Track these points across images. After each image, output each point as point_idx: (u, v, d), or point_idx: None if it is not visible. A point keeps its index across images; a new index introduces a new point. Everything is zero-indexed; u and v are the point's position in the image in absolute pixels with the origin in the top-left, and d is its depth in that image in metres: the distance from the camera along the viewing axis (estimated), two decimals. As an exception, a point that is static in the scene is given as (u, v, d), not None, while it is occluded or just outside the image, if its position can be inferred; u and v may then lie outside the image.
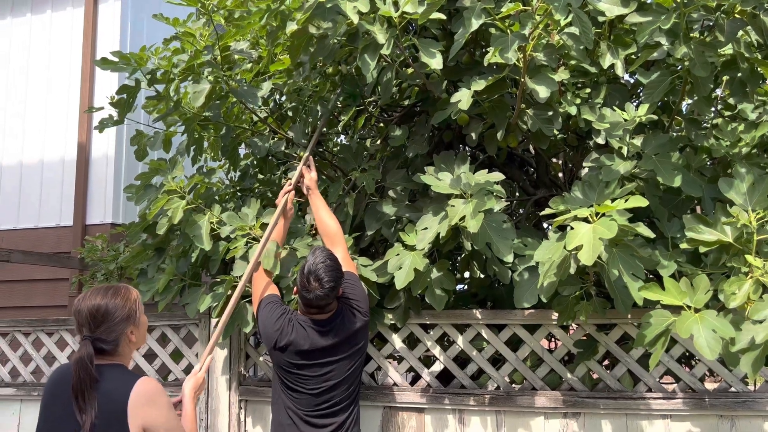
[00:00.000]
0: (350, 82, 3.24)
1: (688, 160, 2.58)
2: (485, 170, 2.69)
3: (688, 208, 2.66)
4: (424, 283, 2.66)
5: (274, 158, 3.70)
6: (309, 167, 2.94)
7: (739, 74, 2.59)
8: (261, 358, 3.22)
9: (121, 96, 3.10)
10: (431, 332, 2.94)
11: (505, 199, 2.70)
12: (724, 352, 2.11)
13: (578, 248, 2.17)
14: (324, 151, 3.69)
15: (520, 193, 3.63)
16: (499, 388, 2.82)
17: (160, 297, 3.13)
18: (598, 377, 2.77)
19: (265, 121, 3.46)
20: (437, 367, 2.93)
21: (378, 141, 3.64)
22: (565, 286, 2.44)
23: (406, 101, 3.53)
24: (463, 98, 2.53)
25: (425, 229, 2.64)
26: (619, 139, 2.54)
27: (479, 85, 2.55)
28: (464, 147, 3.48)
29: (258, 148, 3.36)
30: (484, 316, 2.85)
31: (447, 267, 2.72)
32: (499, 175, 2.65)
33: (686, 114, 2.98)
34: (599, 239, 2.14)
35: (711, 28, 2.49)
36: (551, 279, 2.36)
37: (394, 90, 3.34)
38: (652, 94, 2.51)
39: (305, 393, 2.41)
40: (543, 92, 2.44)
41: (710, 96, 2.62)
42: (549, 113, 2.71)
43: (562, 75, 2.58)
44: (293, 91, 3.55)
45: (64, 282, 5.60)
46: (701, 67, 2.35)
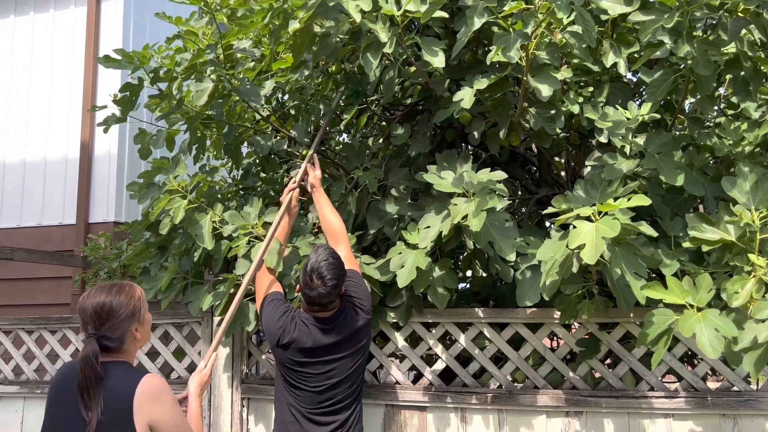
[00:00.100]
0: (353, 80, 3.24)
1: (690, 158, 2.58)
2: (488, 169, 2.68)
3: (691, 207, 2.66)
4: (426, 282, 2.66)
5: (277, 157, 3.71)
6: (313, 165, 2.94)
7: (742, 73, 2.58)
8: (263, 356, 3.23)
9: (124, 94, 3.11)
10: (433, 331, 2.94)
11: (508, 198, 2.70)
12: (727, 351, 2.10)
13: (581, 247, 2.17)
14: (326, 149, 3.69)
15: (523, 192, 3.63)
16: (501, 387, 2.82)
17: (163, 295, 3.13)
18: (600, 376, 2.77)
19: (268, 119, 3.46)
20: (439, 366, 2.93)
21: (380, 139, 3.64)
22: (567, 285, 2.44)
23: (409, 100, 3.53)
24: (466, 97, 2.53)
25: (427, 227, 2.65)
26: (622, 138, 2.54)
27: (482, 84, 2.54)
28: (467, 146, 3.48)
29: (260, 147, 3.36)
30: (486, 315, 2.85)
31: (449, 265, 2.72)
32: (502, 174, 2.65)
33: (689, 113, 2.98)
34: (602, 238, 2.13)
35: (714, 26, 2.49)
36: (553, 278, 2.36)
37: (396, 88, 3.34)
38: (655, 93, 2.51)
39: (308, 390, 2.42)
40: (545, 91, 2.44)
41: (713, 95, 2.62)
42: (551, 112, 2.71)
43: (565, 74, 2.58)
44: (296, 90, 3.55)
45: (67, 280, 5.62)
46: (704, 66, 2.35)
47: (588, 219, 2.26)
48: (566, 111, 2.71)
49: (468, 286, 3.66)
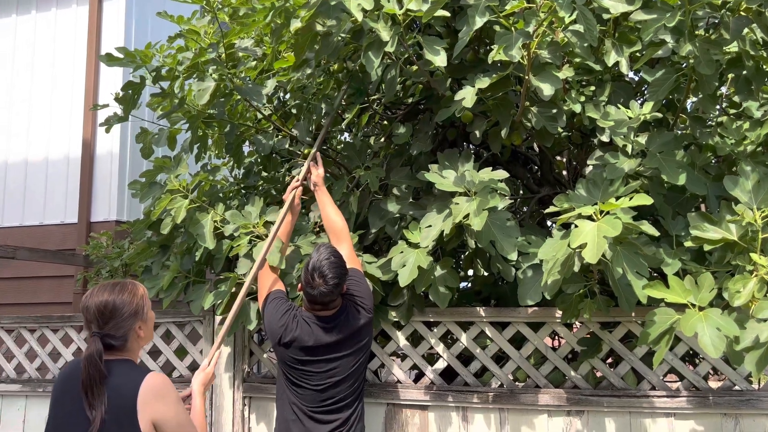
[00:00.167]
0: (356, 79, 3.24)
1: (692, 158, 2.58)
2: (489, 168, 2.68)
3: (693, 206, 2.66)
4: (427, 281, 2.66)
5: (278, 156, 3.71)
6: (316, 163, 2.94)
7: (745, 72, 2.58)
8: (265, 355, 3.23)
9: (126, 92, 3.11)
10: (435, 330, 2.94)
11: (509, 197, 2.70)
12: (729, 351, 2.10)
13: (582, 246, 2.17)
14: (328, 148, 3.70)
15: (524, 191, 3.63)
16: (503, 386, 2.82)
17: (165, 294, 3.14)
18: (601, 375, 2.77)
19: (269, 118, 3.46)
20: (441, 365, 2.93)
21: (382, 139, 3.64)
22: (569, 284, 2.44)
23: (410, 99, 3.53)
24: (468, 96, 2.53)
25: (429, 226, 2.65)
26: (624, 137, 2.54)
27: (483, 83, 2.54)
28: (468, 145, 3.48)
29: (262, 146, 3.36)
30: (488, 314, 2.86)
31: (451, 265, 2.72)
32: (503, 173, 2.65)
33: (691, 112, 2.97)
34: (603, 237, 2.13)
35: (716, 25, 2.48)
36: (555, 277, 2.36)
37: (398, 87, 3.34)
38: (657, 92, 2.50)
39: (309, 389, 2.42)
40: (547, 90, 2.44)
41: (715, 94, 2.61)
42: (553, 111, 2.71)
43: (567, 72, 2.58)
44: (297, 89, 3.55)
45: (69, 279, 5.63)
46: (706, 65, 2.34)
47: (590, 218, 2.26)
48: (568, 110, 2.71)
49: (469, 285, 3.66)
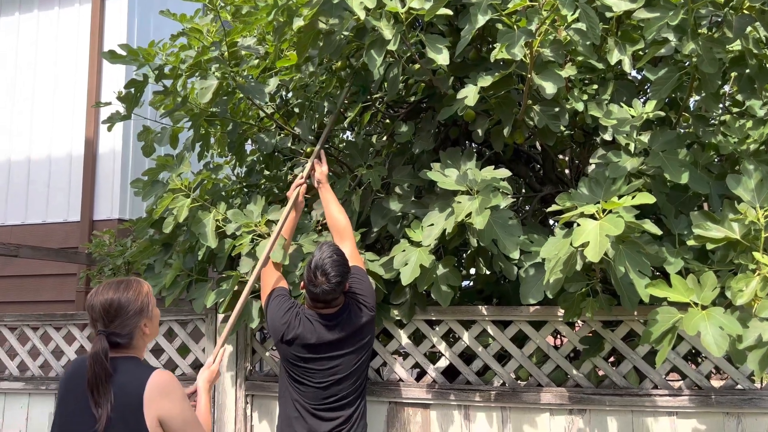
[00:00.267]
0: (359, 77, 3.23)
1: (695, 156, 2.57)
2: (491, 166, 2.68)
3: (696, 205, 2.65)
4: (430, 279, 2.66)
5: (281, 154, 3.71)
6: (320, 161, 2.94)
7: (748, 70, 2.57)
8: (267, 354, 3.23)
9: (129, 90, 3.11)
10: (437, 328, 2.94)
11: (512, 196, 2.69)
12: (731, 350, 2.10)
13: (585, 245, 2.17)
14: (330, 147, 3.70)
15: (527, 190, 3.63)
16: (505, 385, 2.82)
17: (167, 292, 3.14)
18: (603, 374, 2.77)
19: (272, 117, 3.46)
20: (443, 363, 2.93)
21: (384, 137, 3.64)
22: (571, 283, 2.44)
23: (413, 97, 3.53)
24: (470, 94, 2.53)
25: (431, 225, 2.65)
26: (626, 136, 2.53)
27: (486, 81, 2.54)
28: (470, 143, 3.48)
29: (264, 144, 3.36)
30: (490, 313, 2.85)
31: (453, 263, 2.72)
32: (506, 172, 2.64)
33: (694, 110, 2.97)
34: (606, 236, 2.13)
35: (719, 24, 2.48)
36: (557, 275, 2.35)
37: (400, 86, 3.34)
38: (660, 91, 2.50)
39: (312, 386, 2.43)
40: (550, 88, 2.44)
41: (718, 92, 2.60)
42: (556, 109, 2.70)
43: (569, 71, 2.57)
44: (300, 87, 3.55)
45: (72, 277, 5.64)
46: (709, 64, 2.34)
47: (592, 217, 2.26)
48: (570, 108, 2.71)
49: (471, 283, 3.66)
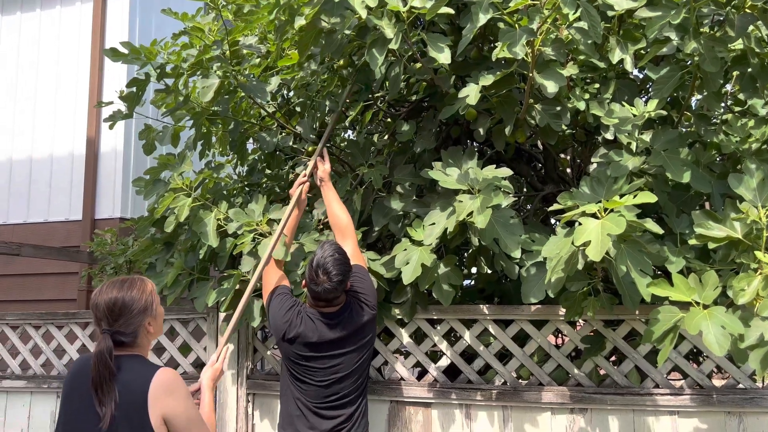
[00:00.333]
0: (363, 74, 3.23)
1: (697, 155, 2.57)
2: (493, 166, 2.68)
3: (697, 204, 2.65)
4: (431, 279, 2.66)
5: (282, 153, 3.71)
6: (323, 159, 2.94)
7: (750, 69, 2.57)
8: (269, 352, 3.23)
9: (131, 89, 3.12)
10: (438, 327, 2.94)
11: (513, 195, 2.69)
12: (733, 349, 2.10)
13: (586, 244, 2.17)
14: (332, 146, 3.69)
15: (528, 189, 3.63)
16: (506, 384, 2.82)
17: (169, 291, 3.15)
18: (605, 373, 2.77)
19: (273, 116, 3.46)
20: (444, 362, 2.93)
21: (385, 136, 3.64)
22: (572, 282, 2.44)
23: (414, 96, 3.53)
24: (471, 93, 2.53)
25: (433, 224, 2.65)
26: (628, 135, 2.53)
27: (487, 80, 2.54)
28: (472, 142, 3.47)
29: (266, 143, 3.37)
30: (491, 312, 2.85)
31: (454, 262, 2.72)
32: (507, 171, 2.64)
33: (696, 109, 2.96)
34: (607, 235, 2.13)
35: (721, 23, 2.48)
36: (559, 274, 2.35)
37: (401, 85, 3.33)
38: (662, 90, 2.50)
39: (313, 385, 2.43)
40: (551, 87, 2.43)
41: (720, 91, 2.60)
42: (557, 108, 2.70)
43: (571, 70, 2.57)
44: (301, 86, 3.55)
45: (74, 276, 5.65)
46: (711, 63, 2.33)
47: (594, 216, 2.25)
48: (572, 107, 2.70)
49: (473, 282, 3.66)
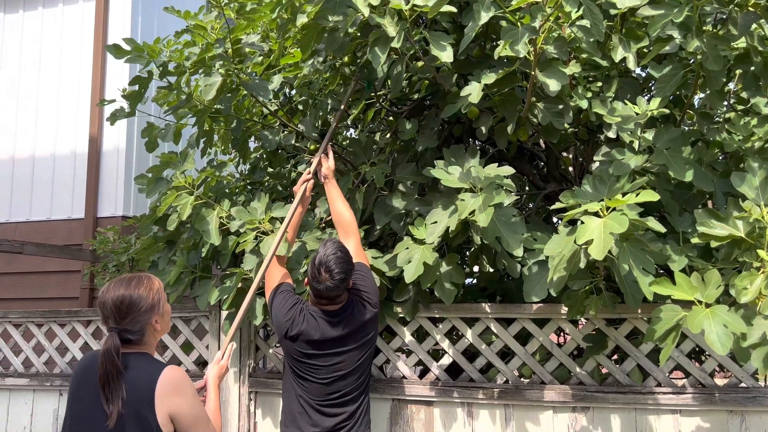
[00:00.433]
0: (365, 72, 3.22)
1: (699, 154, 2.57)
2: (495, 164, 2.68)
3: (700, 203, 2.65)
4: (433, 277, 2.66)
5: (284, 151, 3.71)
6: (327, 156, 2.94)
7: (753, 68, 2.56)
8: (271, 350, 3.24)
9: (133, 87, 3.12)
10: (440, 326, 2.94)
11: (515, 193, 2.69)
12: (735, 348, 2.10)
13: (588, 242, 2.16)
14: (334, 144, 3.69)
15: (530, 187, 3.62)
16: (508, 382, 2.83)
17: (171, 289, 3.15)
18: (607, 372, 2.77)
19: (276, 114, 3.46)
20: (446, 361, 2.93)
21: (388, 135, 3.64)
22: (574, 281, 2.44)
23: (416, 95, 3.52)
24: (474, 92, 2.52)
25: (435, 222, 2.65)
26: (631, 133, 2.53)
27: (489, 79, 2.54)
28: (474, 141, 3.47)
29: (268, 141, 3.37)
30: (493, 310, 2.85)
31: (456, 261, 2.72)
32: (509, 169, 2.64)
33: (698, 108, 2.96)
34: (610, 234, 2.13)
35: (724, 21, 2.47)
36: (561, 273, 2.35)
37: (404, 83, 3.33)
38: (664, 88, 2.49)
39: (316, 382, 2.43)
40: (554, 85, 2.43)
41: (723, 90, 2.59)
42: (560, 107, 2.70)
43: (573, 68, 2.57)
44: (303, 85, 3.55)
45: (76, 274, 5.66)
46: (714, 61, 2.33)
47: (596, 214, 2.25)
48: (574, 106, 2.70)
49: (475, 281, 3.66)
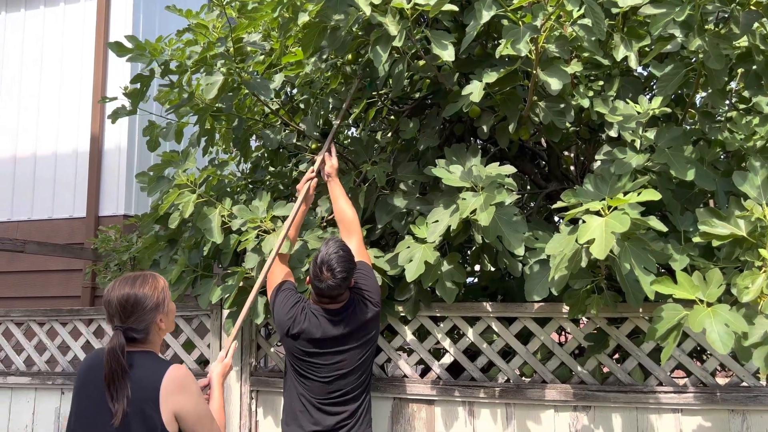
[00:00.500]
0: (367, 70, 3.22)
1: (701, 153, 2.56)
2: (496, 163, 2.68)
3: (701, 202, 2.64)
4: (434, 276, 2.66)
5: (286, 150, 3.71)
6: (330, 154, 2.94)
7: (754, 67, 2.56)
8: (272, 349, 3.24)
9: (135, 86, 3.12)
10: (441, 325, 2.95)
11: (517, 192, 2.69)
12: (737, 347, 2.09)
13: (590, 242, 2.16)
14: (335, 143, 3.69)
15: (532, 186, 3.62)
16: (509, 381, 2.83)
17: (173, 288, 3.15)
18: (608, 371, 2.77)
19: (277, 113, 3.46)
20: (447, 360, 2.93)
21: (389, 134, 3.64)
22: (576, 280, 2.44)
23: (418, 94, 3.52)
24: (475, 90, 2.52)
25: (436, 221, 2.65)
26: (632, 132, 2.52)
27: (491, 78, 2.53)
28: (476, 140, 3.47)
29: (269, 140, 3.37)
30: (495, 309, 2.85)
31: (457, 260, 2.72)
32: (511, 168, 2.64)
33: (700, 107, 2.95)
34: (611, 233, 2.13)
35: (726, 19, 2.47)
36: (562, 272, 2.35)
37: (405, 82, 3.33)
38: (666, 87, 2.49)
39: (317, 381, 2.44)
40: (555, 84, 2.43)
41: (724, 89, 2.59)
42: (561, 106, 2.70)
43: (575, 67, 2.57)
44: (305, 84, 3.55)
45: (78, 272, 5.66)
46: (716, 60, 2.33)
47: (597, 213, 2.25)
48: (576, 105, 2.70)
49: (476, 280, 3.66)
